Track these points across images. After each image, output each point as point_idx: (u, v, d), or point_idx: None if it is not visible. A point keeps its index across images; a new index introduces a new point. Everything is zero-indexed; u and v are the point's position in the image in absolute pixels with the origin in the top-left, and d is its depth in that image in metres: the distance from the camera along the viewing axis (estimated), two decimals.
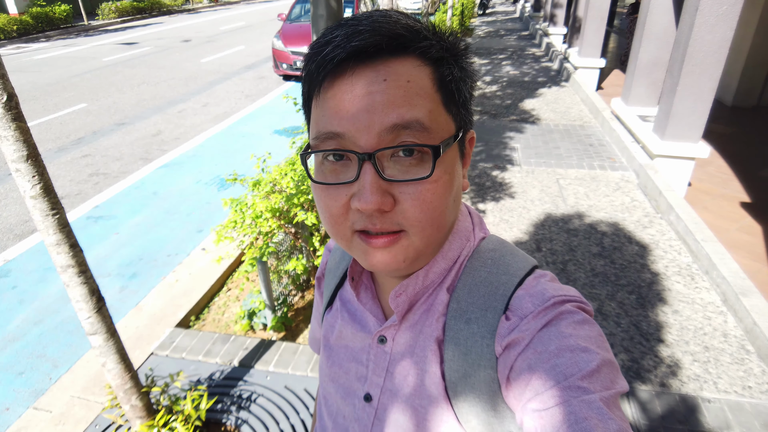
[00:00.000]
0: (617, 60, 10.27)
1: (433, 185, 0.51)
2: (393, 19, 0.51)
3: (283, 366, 2.53)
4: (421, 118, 0.50)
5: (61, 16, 17.31)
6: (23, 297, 3.40)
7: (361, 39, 0.49)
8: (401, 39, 0.50)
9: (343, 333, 0.72)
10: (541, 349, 0.50)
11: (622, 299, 3.08)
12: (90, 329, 1.71)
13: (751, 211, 4.17)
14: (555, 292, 0.55)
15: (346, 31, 0.50)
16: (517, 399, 0.51)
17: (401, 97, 0.49)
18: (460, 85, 0.55)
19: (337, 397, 0.72)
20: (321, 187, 0.54)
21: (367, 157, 0.49)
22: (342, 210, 0.53)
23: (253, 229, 2.63)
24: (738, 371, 2.55)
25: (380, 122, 0.49)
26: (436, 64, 0.53)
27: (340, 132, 0.50)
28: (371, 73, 0.50)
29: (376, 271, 0.57)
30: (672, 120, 4.30)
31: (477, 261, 0.62)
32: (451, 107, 0.54)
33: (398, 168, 0.51)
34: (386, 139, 0.49)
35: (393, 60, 0.50)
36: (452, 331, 0.58)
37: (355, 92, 0.49)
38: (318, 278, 0.85)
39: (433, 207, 0.51)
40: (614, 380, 0.48)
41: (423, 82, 0.51)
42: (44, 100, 8.31)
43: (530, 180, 4.84)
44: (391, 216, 0.51)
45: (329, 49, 0.50)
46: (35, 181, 1.47)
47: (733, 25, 3.82)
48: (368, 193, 0.49)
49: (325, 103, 0.52)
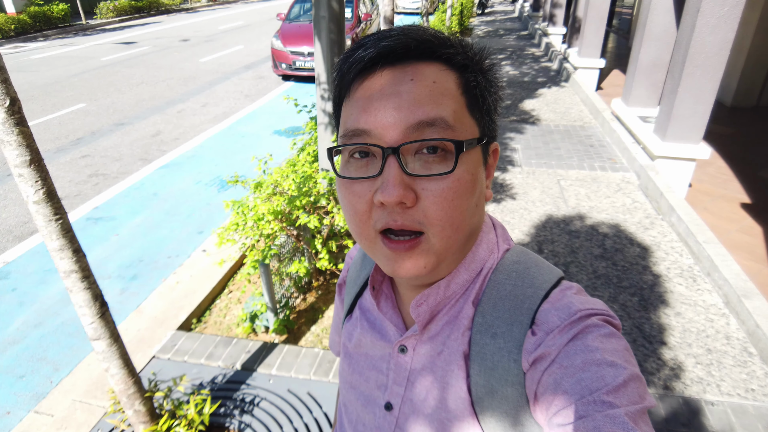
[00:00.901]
0: (617, 60, 10.28)
1: (455, 183, 0.52)
2: (422, 28, 0.55)
3: (285, 369, 2.52)
4: (446, 116, 0.51)
5: (59, 16, 17.23)
6: (23, 299, 3.39)
7: (391, 40, 0.52)
8: (428, 44, 0.53)
9: (362, 341, 0.72)
10: (567, 363, 0.50)
11: (625, 301, 3.08)
12: (93, 334, 1.70)
13: (751, 212, 4.18)
14: (581, 306, 0.55)
15: (377, 36, 0.54)
16: (544, 414, 0.51)
17: (427, 96, 0.51)
18: (485, 93, 0.56)
19: (357, 404, 0.72)
20: (346, 184, 0.55)
21: (392, 151, 0.51)
22: (366, 207, 0.53)
23: (255, 231, 2.62)
24: (741, 374, 2.55)
25: (406, 119, 0.50)
26: (461, 70, 0.55)
27: (366, 129, 0.52)
28: (399, 73, 0.52)
29: (398, 278, 0.57)
30: (673, 121, 4.30)
31: (501, 274, 0.61)
32: (476, 112, 0.55)
33: (421, 164, 0.52)
34: (411, 135, 0.51)
35: (420, 63, 0.53)
36: (478, 345, 0.58)
37: (383, 90, 0.52)
38: (339, 285, 0.86)
39: (453, 205, 0.52)
40: (642, 395, 0.48)
41: (448, 84, 0.53)
42: (42, 100, 8.28)
43: (531, 181, 4.84)
44: (412, 213, 0.51)
45: (360, 51, 0.53)
46: (38, 186, 1.46)
47: (734, 26, 3.82)
48: (391, 186, 0.50)
49: (354, 101, 0.54)
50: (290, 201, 2.69)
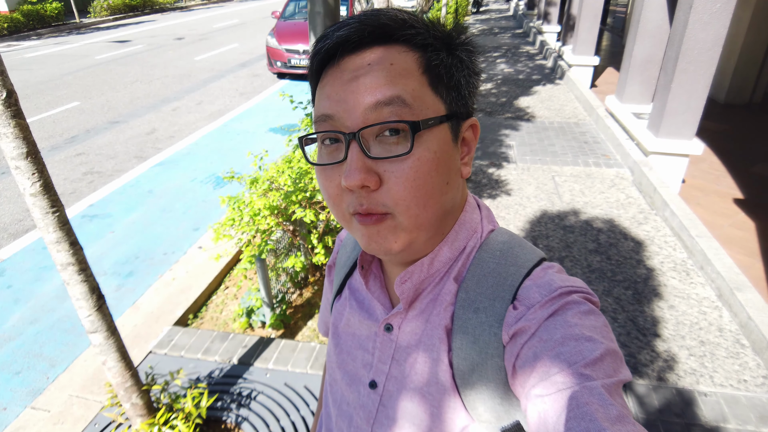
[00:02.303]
0: (611, 58, 10.33)
1: (416, 162, 0.52)
2: (381, 13, 0.55)
3: (282, 363, 2.53)
4: (402, 94, 0.52)
5: (53, 14, 17.14)
6: (18, 296, 3.38)
7: (346, 29, 0.53)
8: (385, 28, 0.54)
9: (351, 321, 0.73)
10: (547, 337, 0.51)
11: (619, 295, 3.11)
12: (90, 327, 1.70)
13: (743, 207, 4.21)
14: (562, 283, 0.56)
15: (337, 26, 0.55)
16: (522, 386, 0.52)
17: (384, 77, 0.52)
18: (451, 70, 0.56)
19: (342, 383, 0.73)
20: (319, 169, 0.58)
21: (352, 136, 0.52)
22: (337, 190, 0.55)
23: (251, 226, 2.62)
24: (733, 365, 2.58)
25: (363, 102, 0.52)
26: (423, 49, 0.55)
27: (330, 114, 0.54)
28: (357, 60, 0.54)
29: (374, 253, 0.58)
30: (666, 117, 4.33)
31: (485, 252, 0.63)
32: (440, 89, 0.55)
33: (383, 147, 0.53)
34: (370, 118, 0.52)
35: (378, 47, 0.54)
36: (461, 320, 0.59)
37: (343, 77, 0.53)
38: (329, 266, 0.87)
39: (416, 185, 0.53)
40: (617, 369, 0.49)
41: (407, 65, 0.54)
42: (36, 99, 8.23)
43: (526, 177, 4.86)
44: (377, 196, 0.53)
45: (321, 43, 0.56)
46: (35, 179, 1.47)
47: (726, 22, 3.85)
48: (352, 170, 0.51)
49: (320, 91, 0.56)
50: (286, 196, 2.69)
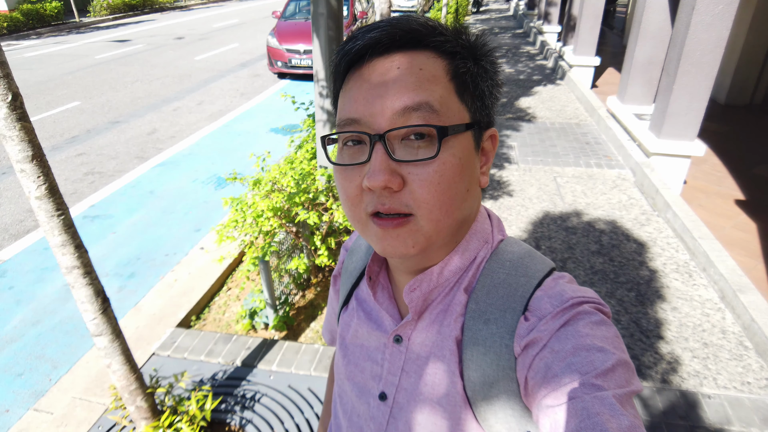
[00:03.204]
0: (612, 58, 10.32)
1: (441, 167, 0.52)
2: (411, 18, 0.55)
3: (286, 365, 2.53)
4: (431, 101, 0.52)
5: (52, 13, 17.10)
6: (20, 297, 3.37)
7: (378, 31, 0.53)
8: (416, 33, 0.54)
9: (359, 332, 0.72)
10: (558, 348, 0.51)
11: (622, 296, 3.11)
12: (95, 330, 1.70)
13: (745, 208, 4.21)
14: (573, 294, 0.56)
15: (367, 27, 0.55)
16: (534, 397, 0.52)
17: (413, 82, 0.52)
18: (476, 80, 0.57)
19: (352, 395, 0.73)
20: (339, 169, 0.57)
21: (378, 138, 0.52)
22: (357, 191, 0.55)
23: (254, 228, 2.62)
24: (737, 367, 2.58)
25: (391, 106, 0.52)
26: (451, 57, 0.55)
27: (356, 118, 0.54)
28: (387, 63, 0.54)
29: (389, 257, 0.58)
30: (668, 118, 4.33)
31: (496, 263, 0.62)
32: (466, 97, 0.56)
33: (408, 150, 0.53)
34: (398, 122, 0.52)
35: (408, 52, 0.54)
36: (471, 331, 0.59)
37: (371, 80, 0.54)
38: (334, 276, 0.86)
39: (440, 189, 0.53)
40: (629, 380, 0.49)
41: (435, 71, 0.54)
42: (36, 99, 8.22)
43: (528, 178, 4.86)
44: (400, 196, 0.53)
45: (350, 44, 0.55)
46: (40, 182, 1.46)
47: (729, 24, 3.85)
48: (377, 171, 0.51)
49: (346, 92, 0.57)
50: (289, 198, 2.69)
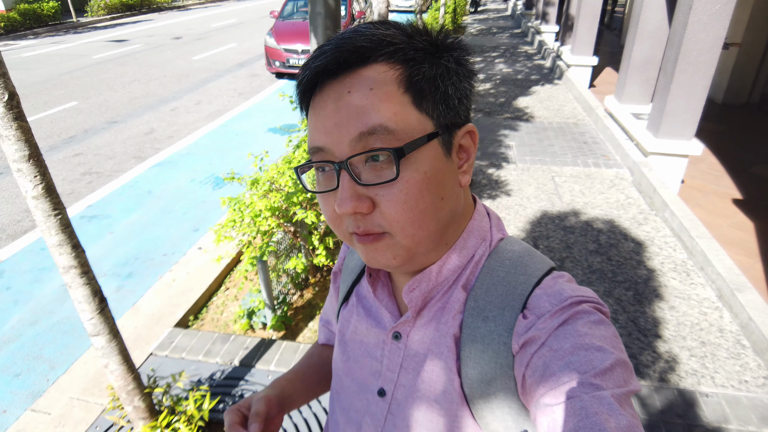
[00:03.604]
0: (609, 58, 10.34)
1: (404, 186, 0.52)
2: (360, 33, 0.53)
3: (284, 365, 2.53)
4: (385, 122, 0.51)
5: (50, 13, 17.05)
6: (18, 297, 3.36)
7: (324, 58, 0.53)
8: (362, 50, 0.52)
9: (359, 328, 0.73)
10: (557, 347, 0.51)
11: (620, 296, 3.11)
12: (92, 330, 1.69)
13: (742, 207, 4.22)
14: (572, 293, 0.56)
15: (315, 54, 0.55)
16: (532, 396, 0.52)
17: (365, 105, 0.52)
18: (436, 82, 0.54)
19: (350, 391, 0.73)
20: (318, 195, 0.59)
21: (341, 165, 0.53)
22: (335, 214, 0.57)
23: (252, 228, 2.62)
24: (734, 366, 2.58)
25: (348, 133, 0.52)
26: (404, 65, 0.53)
27: (320, 146, 0.55)
28: (338, 87, 0.53)
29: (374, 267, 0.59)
30: (666, 118, 4.34)
31: (495, 261, 0.63)
32: (425, 105, 0.54)
33: (373, 173, 0.53)
34: (357, 147, 0.52)
35: (359, 70, 0.53)
36: (469, 328, 0.59)
37: (327, 108, 0.53)
38: (335, 273, 0.86)
39: (408, 207, 0.53)
40: (627, 380, 0.49)
41: (387, 87, 0.52)
42: (34, 99, 8.20)
43: (526, 177, 4.86)
44: (372, 218, 0.54)
45: (302, 74, 0.56)
46: (37, 181, 1.46)
47: (726, 23, 3.86)
48: (343, 199, 0.53)
49: (310, 121, 0.57)
50: (287, 197, 2.69)
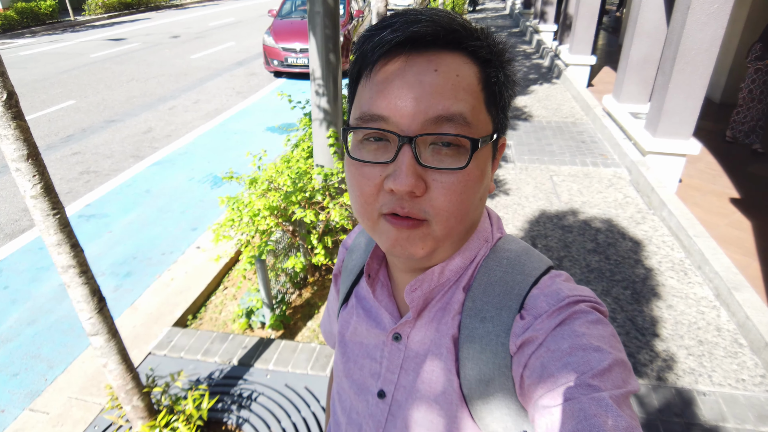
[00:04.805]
0: (607, 57, 10.36)
1: (465, 177, 0.52)
2: (451, 15, 0.53)
3: (282, 364, 2.53)
4: (465, 112, 0.51)
5: (47, 12, 17.00)
6: (16, 297, 3.36)
7: (421, 26, 0.50)
8: (456, 34, 0.52)
9: (358, 329, 0.72)
10: (555, 347, 0.51)
11: (617, 295, 3.12)
12: (91, 330, 1.69)
13: (740, 206, 4.24)
14: (570, 292, 0.56)
15: (406, 18, 0.52)
16: (530, 397, 0.52)
17: (449, 89, 0.51)
18: (502, 90, 0.56)
19: (351, 392, 0.73)
20: (356, 165, 0.55)
21: (408, 140, 0.50)
22: (374, 190, 0.54)
23: (251, 227, 2.62)
24: (732, 364, 2.59)
25: (425, 111, 0.50)
26: (484, 64, 0.54)
27: (384, 115, 0.52)
28: (424, 62, 0.51)
29: (395, 256, 0.57)
30: (664, 117, 4.34)
31: (493, 261, 0.63)
32: (492, 108, 0.55)
33: (435, 156, 0.52)
34: (429, 128, 0.51)
35: (445, 53, 0.52)
36: (467, 329, 0.59)
37: (405, 78, 0.51)
38: (335, 275, 0.86)
39: (461, 199, 0.52)
40: (626, 380, 0.49)
41: (470, 79, 0.53)
42: (31, 97, 8.17)
43: (524, 177, 4.87)
44: (420, 202, 0.52)
45: (387, 33, 0.52)
46: (36, 181, 1.46)
47: (724, 23, 3.87)
48: (404, 174, 0.50)
49: (374, 84, 0.53)
50: (285, 197, 2.69)
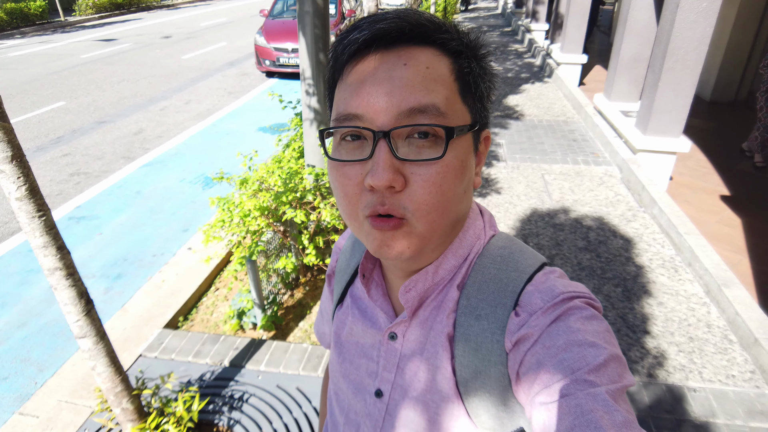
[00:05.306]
0: (599, 56, 10.40)
1: (444, 168, 0.52)
2: (419, 12, 0.54)
3: (274, 365, 2.52)
4: (438, 102, 0.51)
5: (37, 12, 16.86)
6: (5, 300, 3.33)
7: (386, 23, 0.52)
8: (423, 28, 0.53)
9: (354, 329, 0.72)
10: (550, 344, 0.51)
11: (608, 292, 3.13)
12: (79, 332, 1.68)
13: (730, 204, 4.27)
14: (564, 288, 0.56)
15: (373, 18, 0.53)
16: (526, 394, 0.52)
17: (419, 81, 0.51)
18: (477, 80, 0.56)
19: (348, 392, 0.73)
20: (337, 166, 0.55)
21: (383, 135, 0.51)
22: (356, 189, 0.54)
23: (242, 228, 2.61)
24: (722, 361, 2.61)
25: (398, 105, 0.50)
26: (455, 56, 0.55)
27: (359, 114, 0.52)
28: (392, 57, 0.52)
29: (383, 258, 0.57)
30: (654, 115, 4.37)
31: (487, 258, 0.62)
32: (468, 98, 0.56)
33: (412, 149, 0.52)
34: (403, 121, 0.51)
35: (414, 47, 0.53)
36: (462, 327, 0.59)
37: (376, 75, 0.51)
38: (328, 276, 0.86)
39: (441, 191, 0.52)
40: (621, 375, 0.49)
41: (441, 70, 0.53)
42: (21, 99, 8.10)
43: (516, 175, 4.88)
44: (400, 198, 0.52)
45: (355, 33, 0.53)
46: (20, 183, 1.44)
47: (712, 21, 3.89)
48: (381, 168, 0.50)
49: (347, 84, 0.54)
50: (276, 197, 2.68)
